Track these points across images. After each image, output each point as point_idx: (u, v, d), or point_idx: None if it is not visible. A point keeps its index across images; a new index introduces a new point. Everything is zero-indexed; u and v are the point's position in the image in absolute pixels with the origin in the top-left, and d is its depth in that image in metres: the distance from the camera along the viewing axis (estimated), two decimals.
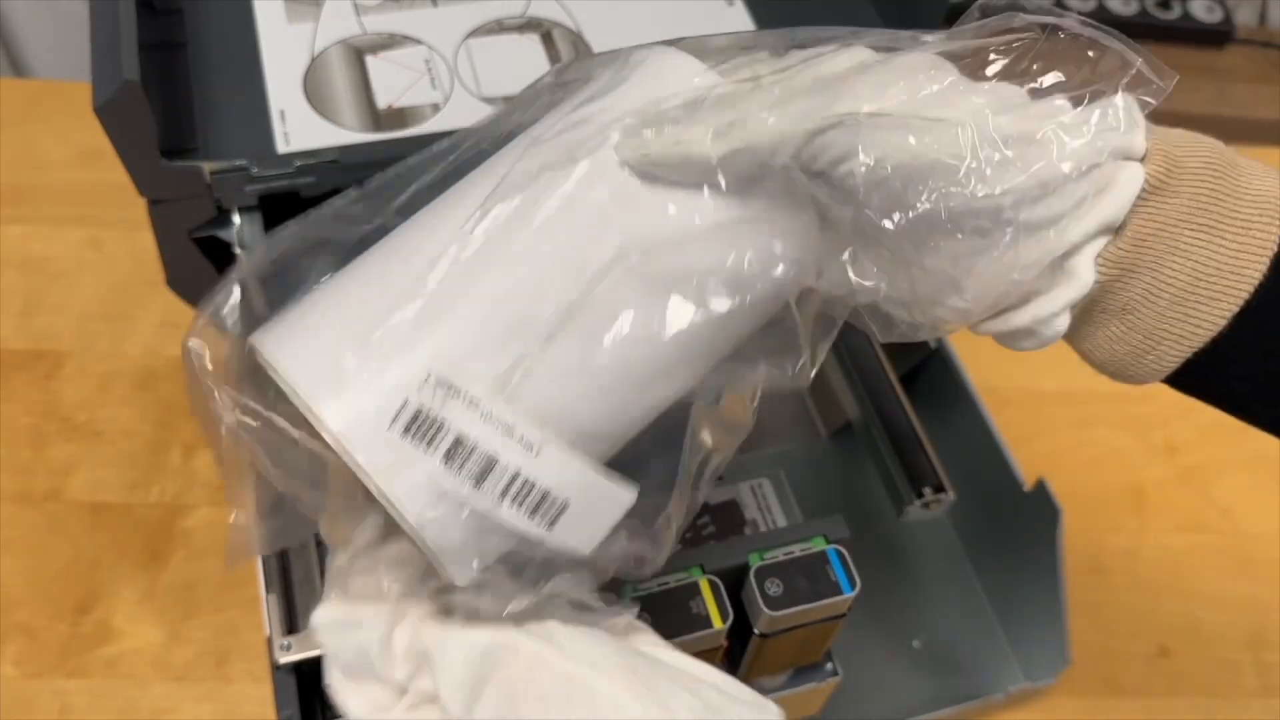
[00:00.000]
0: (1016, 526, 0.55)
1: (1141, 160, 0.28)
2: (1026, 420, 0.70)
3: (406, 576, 0.30)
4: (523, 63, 0.54)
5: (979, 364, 0.61)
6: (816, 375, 0.32)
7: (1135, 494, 0.67)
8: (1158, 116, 0.31)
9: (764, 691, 0.44)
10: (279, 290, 0.34)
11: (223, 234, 0.49)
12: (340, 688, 0.30)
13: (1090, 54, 0.30)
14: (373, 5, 0.56)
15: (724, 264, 0.30)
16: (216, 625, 0.59)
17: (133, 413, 0.66)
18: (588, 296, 0.30)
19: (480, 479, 0.28)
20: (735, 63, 0.33)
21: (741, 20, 0.57)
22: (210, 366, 0.32)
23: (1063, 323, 0.30)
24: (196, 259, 0.51)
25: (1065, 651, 0.55)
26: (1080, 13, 1.17)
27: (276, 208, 0.53)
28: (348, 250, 0.35)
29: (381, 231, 0.35)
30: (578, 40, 0.55)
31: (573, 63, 0.36)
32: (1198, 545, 0.66)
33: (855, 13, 0.58)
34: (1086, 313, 0.30)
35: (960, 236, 0.28)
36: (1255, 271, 0.27)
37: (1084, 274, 0.28)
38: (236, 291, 0.34)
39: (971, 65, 0.30)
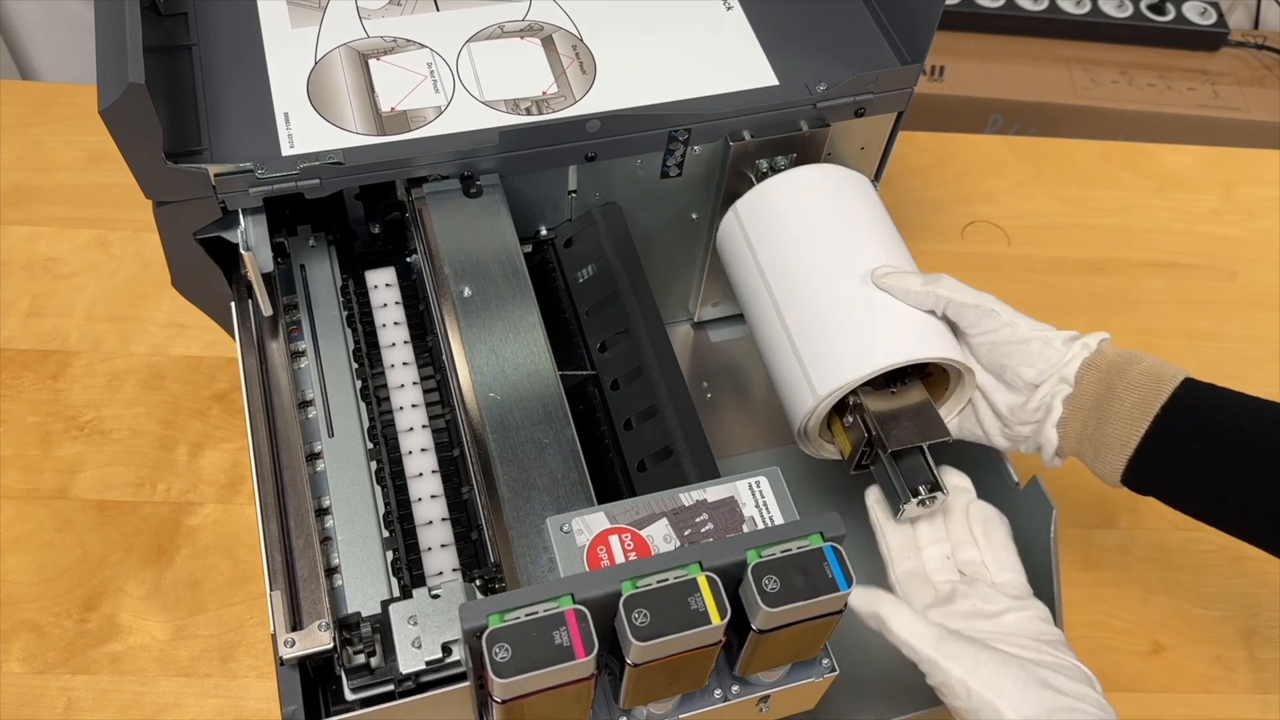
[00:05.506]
0: (1011, 524, 0.56)
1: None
2: None
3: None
4: (524, 67, 0.55)
5: None
6: None
7: (1129, 492, 0.68)
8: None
9: (761, 687, 0.44)
10: None
11: (228, 235, 0.49)
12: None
13: None
14: (375, 9, 0.56)
15: None
16: (222, 621, 0.59)
17: (139, 412, 0.66)
18: None
19: None
20: None
21: (739, 23, 0.58)
22: None
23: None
24: (202, 260, 0.51)
25: None
26: (1074, 17, 1.17)
27: (281, 209, 0.53)
28: None
29: None
30: (579, 44, 0.56)
31: None
32: (1191, 542, 0.66)
33: (851, 15, 0.59)
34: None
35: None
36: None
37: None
38: None
39: None
